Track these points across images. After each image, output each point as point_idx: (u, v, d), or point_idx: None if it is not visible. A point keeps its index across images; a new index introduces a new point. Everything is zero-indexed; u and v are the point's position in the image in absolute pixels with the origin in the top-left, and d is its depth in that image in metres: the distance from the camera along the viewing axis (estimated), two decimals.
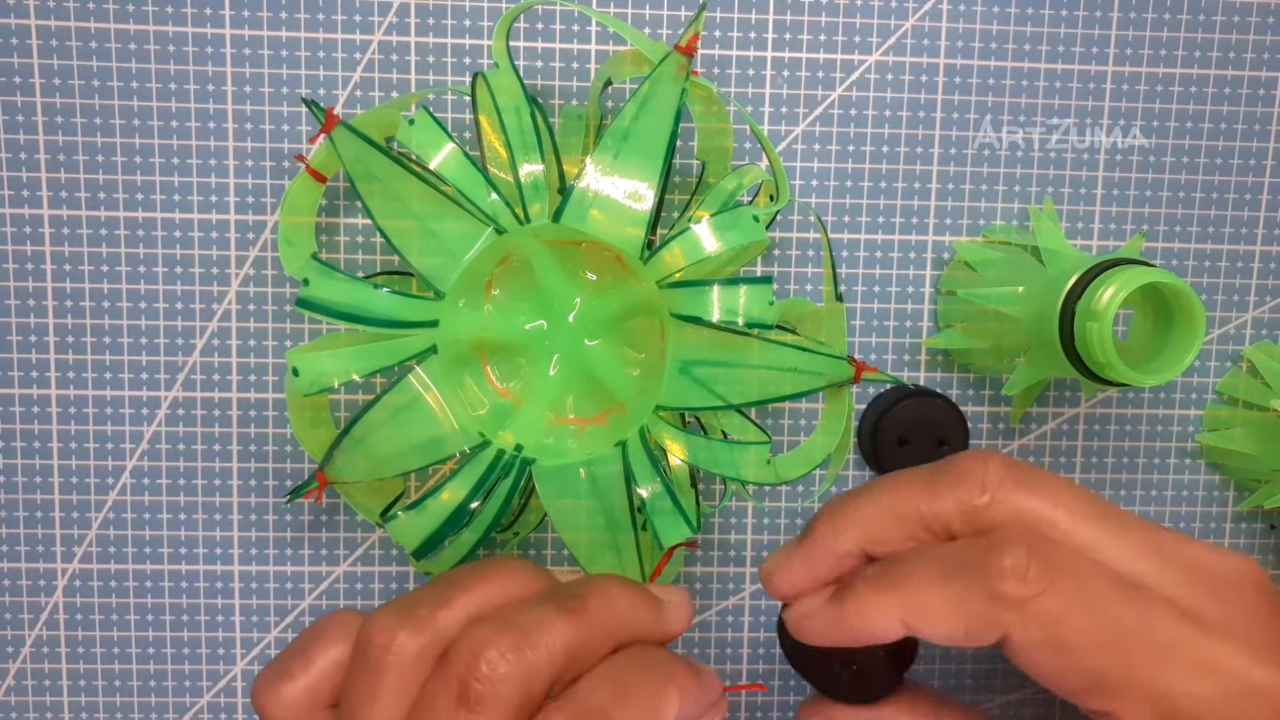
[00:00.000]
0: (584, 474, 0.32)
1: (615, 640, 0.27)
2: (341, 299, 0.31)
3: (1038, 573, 0.24)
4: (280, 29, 0.36)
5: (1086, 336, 0.31)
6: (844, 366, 0.31)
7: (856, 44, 0.37)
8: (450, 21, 0.36)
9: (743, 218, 0.31)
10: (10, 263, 0.36)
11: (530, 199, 0.31)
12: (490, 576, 0.27)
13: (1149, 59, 0.38)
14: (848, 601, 0.26)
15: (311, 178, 0.33)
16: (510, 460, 0.32)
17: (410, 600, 0.27)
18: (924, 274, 0.38)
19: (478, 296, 0.33)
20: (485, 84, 0.31)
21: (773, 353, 0.31)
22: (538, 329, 0.34)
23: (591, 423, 0.34)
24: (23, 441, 0.37)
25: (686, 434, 0.32)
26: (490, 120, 0.31)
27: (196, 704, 0.39)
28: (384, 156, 0.30)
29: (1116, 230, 0.38)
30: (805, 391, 0.31)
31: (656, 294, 0.31)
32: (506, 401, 0.34)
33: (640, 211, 0.30)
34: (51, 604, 0.38)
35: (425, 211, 0.31)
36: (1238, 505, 0.40)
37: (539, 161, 0.31)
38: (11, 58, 0.35)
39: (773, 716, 0.40)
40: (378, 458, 0.32)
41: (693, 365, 0.31)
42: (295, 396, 0.33)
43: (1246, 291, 0.39)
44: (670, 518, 0.31)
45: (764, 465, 0.32)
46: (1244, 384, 0.39)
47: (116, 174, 0.36)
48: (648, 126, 0.30)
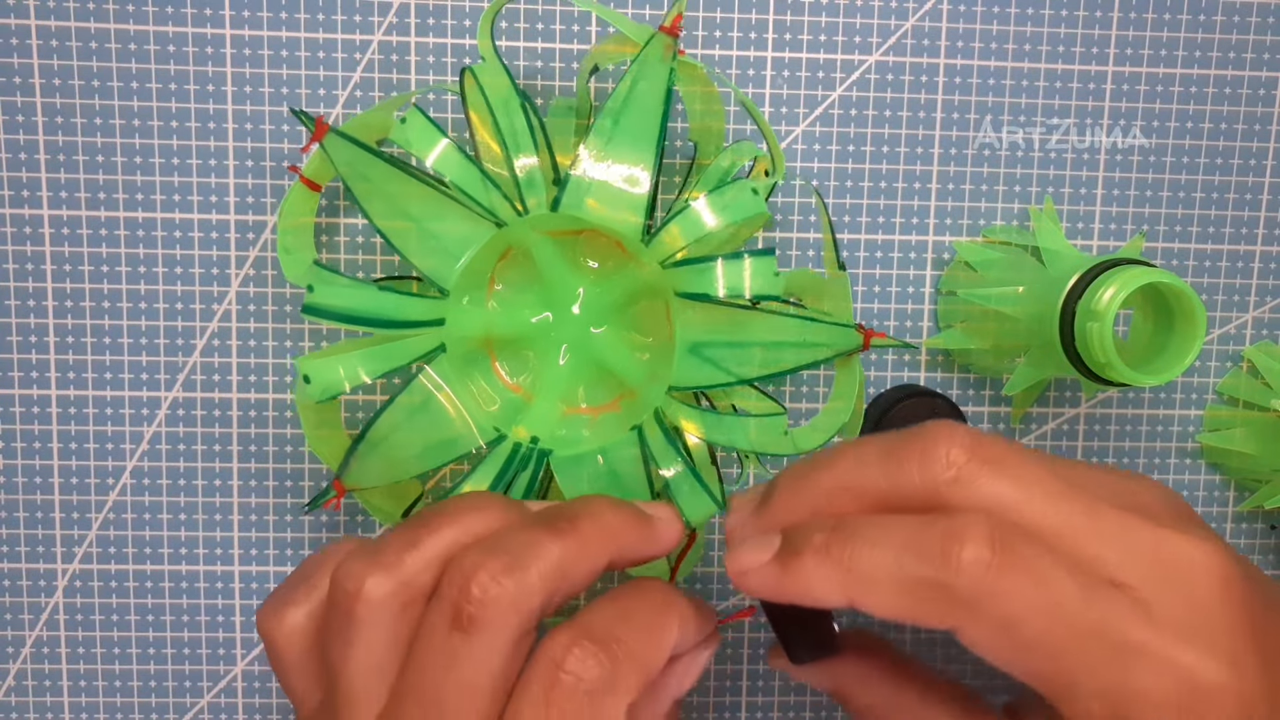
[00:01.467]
0: (601, 461, 0.32)
1: (607, 556, 0.27)
2: (346, 303, 0.31)
3: (998, 570, 0.23)
4: (280, 29, 0.36)
5: (1087, 336, 0.31)
6: (852, 334, 0.31)
7: (856, 44, 0.37)
8: (450, 21, 0.36)
9: (741, 192, 0.31)
10: (10, 263, 0.36)
11: (527, 191, 0.31)
12: (460, 513, 0.27)
13: (1149, 59, 0.38)
14: (790, 567, 0.25)
15: (306, 187, 0.33)
16: (527, 453, 0.32)
17: (378, 544, 0.26)
18: (924, 274, 0.38)
19: (481, 293, 0.33)
20: (473, 78, 0.31)
21: (780, 325, 0.31)
22: (543, 321, 0.34)
23: (604, 410, 0.34)
24: (23, 441, 0.37)
25: (701, 412, 0.32)
26: (481, 115, 0.31)
27: (196, 704, 0.39)
28: (377, 159, 0.30)
29: (1117, 230, 0.38)
30: (814, 362, 0.31)
31: (660, 275, 0.31)
32: (517, 396, 0.34)
33: (637, 195, 0.30)
34: (51, 604, 0.38)
35: (423, 211, 0.31)
36: (1238, 505, 0.40)
37: (533, 154, 0.31)
38: (11, 58, 0.35)
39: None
40: (394, 461, 0.32)
41: (702, 345, 0.31)
42: (306, 403, 0.33)
43: (1247, 291, 0.39)
44: (694, 496, 0.31)
45: (781, 437, 0.32)
46: (1244, 384, 0.39)
47: (116, 174, 0.36)
48: (638, 109, 0.30)
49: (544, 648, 0.25)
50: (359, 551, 0.26)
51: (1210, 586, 0.24)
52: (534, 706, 0.24)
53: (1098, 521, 0.24)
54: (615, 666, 0.25)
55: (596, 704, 0.24)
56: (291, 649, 0.27)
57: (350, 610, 0.25)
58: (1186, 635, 0.23)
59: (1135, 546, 0.24)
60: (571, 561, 0.26)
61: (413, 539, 0.26)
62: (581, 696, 0.24)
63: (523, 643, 0.25)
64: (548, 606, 0.25)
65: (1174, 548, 0.24)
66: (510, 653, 0.25)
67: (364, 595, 0.25)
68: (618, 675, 0.25)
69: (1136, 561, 0.24)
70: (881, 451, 0.26)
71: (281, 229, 0.33)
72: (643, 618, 0.26)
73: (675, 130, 0.37)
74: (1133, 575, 0.24)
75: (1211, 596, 0.24)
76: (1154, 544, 0.24)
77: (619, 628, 0.25)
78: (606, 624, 0.25)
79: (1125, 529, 0.24)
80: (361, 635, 0.25)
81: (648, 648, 0.26)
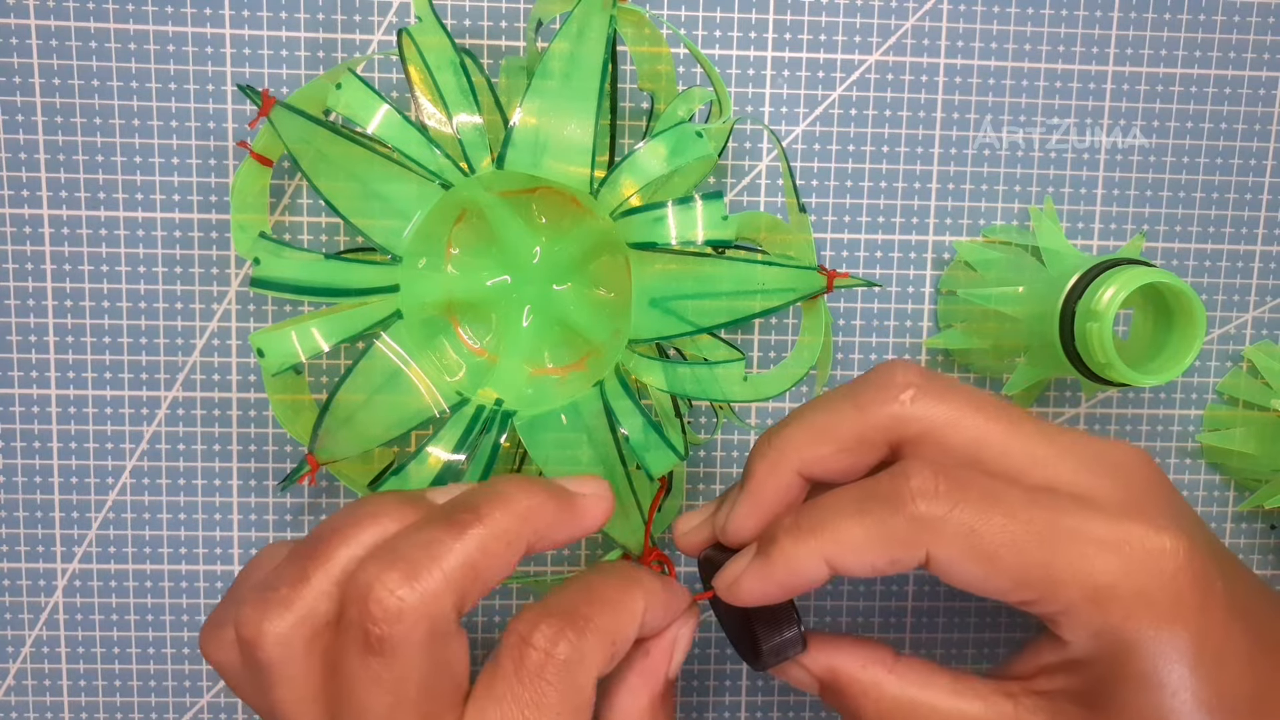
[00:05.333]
0: (565, 419, 0.32)
1: (523, 541, 0.26)
2: (294, 275, 0.31)
3: (947, 488, 0.26)
4: (280, 29, 0.36)
5: (1087, 336, 0.31)
6: (815, 277, 0.31)
7: (856, 44, 0.37)
8: (450, 21, 0.36)
9: (684, 134, 0.30)
10: (10, 263, 0.36)
11: (473, 151, 0.30)
12: (351, 526, 0.26)
13: (1149, 59, 0.38)
14: (772, 555, 0.27)
15: (257, 163, 0.33)
16: (490, 415, 0.32)
17: (267, 582, 0.26)
18: (924, 274, 0.38)
19: (439, 258, 0.33)
20: (410, 40, 0.31)
21: (740, 272, 0.31)
22: (503, 283, 0.33)
23: (571, 370, 0.34)
24: (23, 441, 0.37)
25: (662, 363, 0.32)
26: (420, 73, 0.31)
27: (196, 704, 0.39)
28: (323, 129, 0.30)
29: (1117, 230, 0.38)
30: (778, 307, 0.31)
31: (613, 227, 0.31)
32: (482, 359, 0.34)
33: (581, 145, 0.30)
34: (51, 604, 0.38)
35: (369, 177, 0.30)
36: (1238, 505, 0.40)
37: (475, 112, 0.31)
38: (11, 58, 0.35)
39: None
40: (363, 433, 0.32)
41: (661, 296, 0.31)
42: (271, 382, 0.33)
43: (1247, 291, 0.39)
44: (657, 451, 0.31)
45: (741, 382, 0.32)
46: (1244, 384, 0.39)
47: (116, 174, 0.36)
48: (579, 59, 0.30)
49: (511, 627, 0.26)
50: (251, 596, 0.26)
51: (1135, 471, 0.28)
52: (505, 681, 0.25)
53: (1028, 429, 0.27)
54: (581, 639, 0.25)
55: (566, 674, 0.25)
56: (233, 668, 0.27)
57: (255, 658, 0.25)
58: (1126, 512, 0.26)
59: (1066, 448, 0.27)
60: (479, 554, 0.25)
61: (301, 572, 0.26)
62: (551, 668, 0.25)
63: (448, 642, 0.25)
64: (463, 604, 0.25)
65: (1100, 446, 0.28)
66: (435, 657, 0.25)
67: (264, 640, 0.25)
68: (585, 647, 0.25)
69: (1067, 458, 0.27)
70: (842, 395, 0.29)
71: (234, 206, 0.33)
72: (606, 593, 0.27)
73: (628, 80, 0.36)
74: (1067, 470, 0.27)
75: (1140, 481, 0.27)
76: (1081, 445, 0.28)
77: (583, 604, 0.26)
78: (571, 601, 0.26)
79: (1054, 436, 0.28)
80: (277, 677, 0.25)
81: (613, 621, 0.27)
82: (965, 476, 0.26)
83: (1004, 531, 0.26)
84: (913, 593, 0.40)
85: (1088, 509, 0.26)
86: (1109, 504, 0.27)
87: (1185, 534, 0.26)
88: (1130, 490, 0.27)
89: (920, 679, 0.28)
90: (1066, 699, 0.28)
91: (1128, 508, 0.27)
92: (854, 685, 0.29)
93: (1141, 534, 0.26)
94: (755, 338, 0.38)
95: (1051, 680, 0.28)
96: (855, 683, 0.29)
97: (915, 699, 0.28)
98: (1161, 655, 0.26)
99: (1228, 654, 0.26)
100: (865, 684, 0.29)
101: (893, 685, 0.28)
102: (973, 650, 0.40)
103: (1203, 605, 0.26)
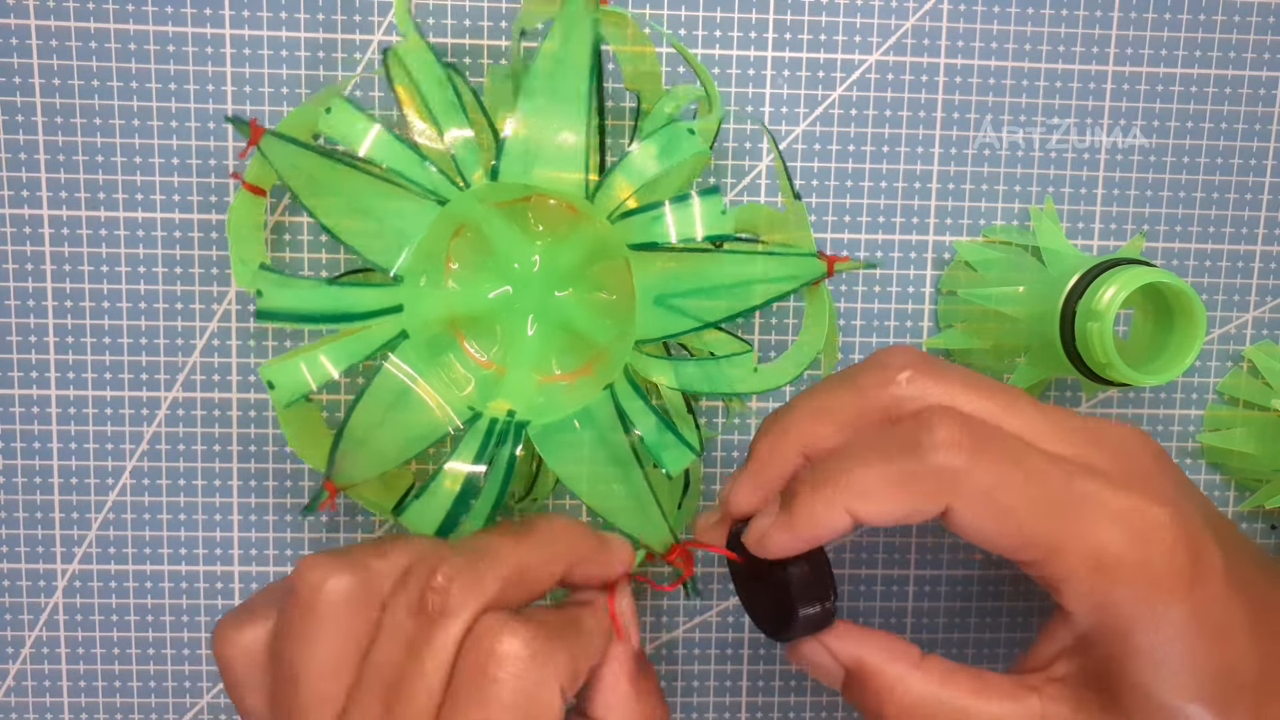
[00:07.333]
0: (578, 425, 0.32)
1: (563, 563, 0.29)
2: (298, 304, 0.31)
3: (970, 441, 0.26)
4: (280, 29, 0.36)
5: (1087, 336, 0.31)
6: (814, 263, 0.31)
7: (856, 44, 0.37)
8: (450, 21, 0.36)
9: (676, 133, 0.30)
10: (10, 263, 0.36)
11: (466, 165, 0.30)
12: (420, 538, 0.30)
13: (1149, 59, 0.38)
14: (795, 507, 0.28)
15: (250, 194, 0.33)
16: (505, 426, 0.32)
17: (345, 549, 0.28)
18: (924, 274, 0.38)
19: (439, 274, 0.33)
20: (396, 58, 0.31)
21: (740, 263, 0.31)
22: (504, 295, 0.33)
23: (579, 375, 0.34)
24: (23, 441, 0.37)
25: (670, 360, 0.32)
26: (408, 91, 0.31)
27: (196, 704, 0.39)
28: (314, 154, 0.30)
29: (1117, 230, 0.38)
30: (780, 295, 0.31)
31: (611, 230, 0.31)
32: (490, 372, 0.34)
33: (574, 151, 0.30)
34: (51, 605, 0.38)
35: (365, 200, 0.31)
36: (1238, 505, 0.40)
37: (465, 126, 0.31)
38: (11, 58, 0.35)
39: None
40: (379, 454, 0.32)
41: (664, 294, 0.31)
42: (283, 412, 0.33)
43: (1247, 291, 0.39)
44: (673, 450, 0.31)
45: (751, 374, 0.32)
46: (1245, 384, 0.39)
47: (116, 174, 0.36)
48: (566, 64, 0.30)
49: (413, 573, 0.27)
50: (324, 554, 0.28)
51: (1134, 449, 0.28)
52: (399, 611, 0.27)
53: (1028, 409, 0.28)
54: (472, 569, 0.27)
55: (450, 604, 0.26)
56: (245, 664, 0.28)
57: (311, 605, 0.27)
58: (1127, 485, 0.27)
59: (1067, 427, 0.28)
60: (527, 561, 0.28)
61: (381, 549, 0.28)
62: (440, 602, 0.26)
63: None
64: (506, 600, 0.27)
65: (1099, 425, 0.28)
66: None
67: (325, 591, 0.27)
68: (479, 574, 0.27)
69: (1070, 435, 0.28)
70: (842, 378, 0.29)
71: (232, 239, 0.33)
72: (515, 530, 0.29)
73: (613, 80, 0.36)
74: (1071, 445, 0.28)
75: (1138, 458, 0.28)
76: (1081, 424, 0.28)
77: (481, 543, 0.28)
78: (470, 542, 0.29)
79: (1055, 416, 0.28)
80: (321, 632, 0.26)
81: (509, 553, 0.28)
82: (989, 431, 0.27)
83: (1022, 491, 0.26)
84: (913, 593, 0.40)
85: (1098, 478, 0.27)
86: (1111, 477, 0.27)
87: (1184, 507, 0.27)
88: (1130, 464, 0.28)
89: (944, 678, 0.29)
90: (1082, 683, 0.28)
91: (1129, 480, 0.27)
92: (878, 678, 0.29)
93: (1142, 506, 0.26)
94: (756, 337, 0.38)
95: (1069, 663, 0.28)
96: (880, 675, 0.29)
97: (939, 697, 0.28)
98: (1161, 628, 0.26)
99: (1229, 626, 0.26)
100: (890, 678, 0.29)
101: (918, 682, 0.28)
102: (973, 650, 0.40)
103: (1202, 577, 0.26)
